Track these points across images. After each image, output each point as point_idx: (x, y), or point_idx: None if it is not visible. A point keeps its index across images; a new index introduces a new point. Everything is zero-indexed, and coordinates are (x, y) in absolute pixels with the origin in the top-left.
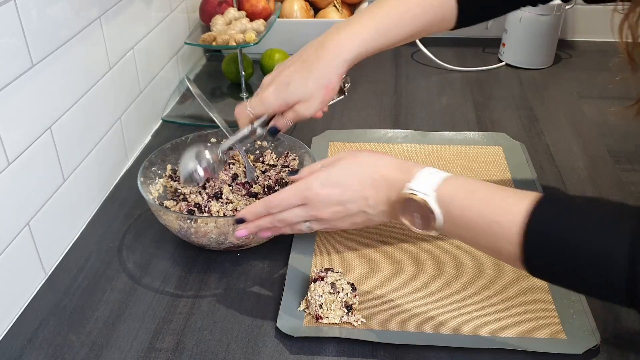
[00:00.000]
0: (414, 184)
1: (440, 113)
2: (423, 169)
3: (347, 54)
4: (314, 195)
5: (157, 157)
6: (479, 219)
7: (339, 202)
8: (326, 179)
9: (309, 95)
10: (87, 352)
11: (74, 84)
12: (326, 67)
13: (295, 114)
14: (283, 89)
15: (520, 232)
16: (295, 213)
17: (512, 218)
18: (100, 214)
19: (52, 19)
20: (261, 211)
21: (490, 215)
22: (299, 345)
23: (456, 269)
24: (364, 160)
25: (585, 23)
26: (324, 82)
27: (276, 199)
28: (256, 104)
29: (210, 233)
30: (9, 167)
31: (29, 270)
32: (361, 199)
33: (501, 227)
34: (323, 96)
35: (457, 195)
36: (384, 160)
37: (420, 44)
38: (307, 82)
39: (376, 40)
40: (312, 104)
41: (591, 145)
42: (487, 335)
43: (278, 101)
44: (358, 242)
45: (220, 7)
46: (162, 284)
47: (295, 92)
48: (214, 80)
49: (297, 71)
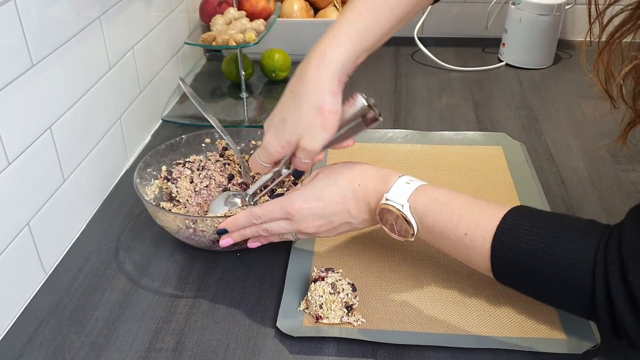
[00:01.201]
0: (390, 194)
1: (440, 113)
2: (399, 178)
3: (332, 66)
4: (297, 211)
5: (153, 159)
6: (451, 233)
7: (322, 216)
8: (308, 195)
9: (307, 125)
10: (87, 352)
11: (74, 84)
12: (315, 89)
13: (305, 152)
14: (280, 129)
15: (490, 247)
16: (279, 225)
17: (482, 232)
18: (100, 214)
19: (52, 19)
20: (244, 222)
21: (462, 229)
22: (299, 345)
23: (456, 269)
24: (341, 171)
25: (585, 23)
26: (317, 105)
27: (260, 211)
28: (262, 153)
29: (210, 233)
30: (9, 167)
31: (29, 270)
32: (343, 211)
33: (472, 241)
34: (322, 122)
35: (431, 206)
36: (360, 169)
37: (420, 44)
38: (301, 112)
39: (361, 43)
40: (314, 134)
41: (591, 145)
42: (487, 335)
43: (280, 143)
44: (358, 242)
45: (220, 7)
46: (162, 284)
47: (292, 127)
48: (214, 80)
49: (288, 104)
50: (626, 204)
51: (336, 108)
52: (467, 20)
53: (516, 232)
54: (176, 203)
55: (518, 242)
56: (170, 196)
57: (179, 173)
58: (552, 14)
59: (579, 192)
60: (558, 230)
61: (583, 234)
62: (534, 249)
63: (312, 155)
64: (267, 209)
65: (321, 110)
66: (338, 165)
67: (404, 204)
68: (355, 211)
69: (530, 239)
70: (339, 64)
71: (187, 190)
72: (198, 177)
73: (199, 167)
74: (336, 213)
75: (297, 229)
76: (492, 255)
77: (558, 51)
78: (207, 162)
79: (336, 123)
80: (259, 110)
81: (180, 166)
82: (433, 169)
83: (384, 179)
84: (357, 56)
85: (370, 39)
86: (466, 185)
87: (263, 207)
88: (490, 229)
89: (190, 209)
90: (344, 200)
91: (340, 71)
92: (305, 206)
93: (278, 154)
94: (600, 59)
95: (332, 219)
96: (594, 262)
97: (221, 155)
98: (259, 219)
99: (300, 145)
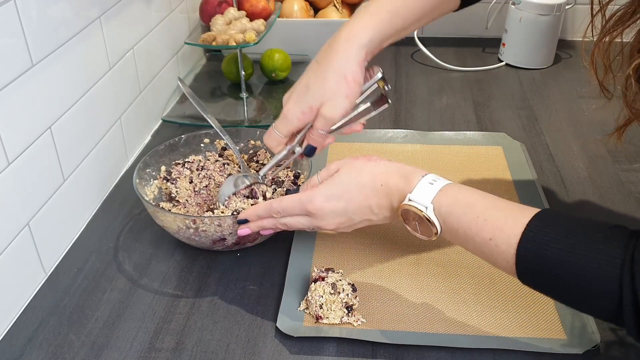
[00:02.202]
0: (413, 194)
1: (440, 113)
2: (422, 178)
3: (361, 39)
4: (317, 210)
5: (152, 159)
6: (476, 236)
7: (343, 214)
8: (329, 193)
9: (330, 91)
10: (87, 352)
11: (74, 84)
12: (342, 58)
13: (324, 120)
14: (303, 95)
15: (514, 253)
16: (298, 220)
17: (507, 238)
18: (100, 214)
19: (52, 19)
20: (263, 215)
21: (487, 234)
22: (299, 345)
23: (456, 269)
24: (363, 169)
25: (585, 23)
26: (342, 73)
27: (279, 206)
28: (280, 122)
29: (212, 231)
30: (9, 167)
31: (29, 270)
32: (365, 208)
33: (497, 245)
34: (346, 89)
35: (454, 209)
36: (383, 167)
37: (420, 43)
38: (325, 79)
39: (390, 23)
40: (336, 101)
41: (591, 145)
42: (487, 335)
43: (301, 109)
44: (358, 242)
45: (220, 7)
46: (162, 284)
47: (316, 93)
48: (214, 80)
49: (314, 73)
50: (626, 204)
51: (360, 79)
52: (467, 20)
53: (541, 240)
54: (176, 203)
55: (543, 249)
56: (169, 196)
57: (178, 173)
58: (552, 14)
59: (579, 192)
60: (583, 239)
61: (608, 243)
62: (559, 258)
63: (330, 125)
64: (287, 206)
65: (346, 79)
66: (359, 161)
67: (428, 205)
68: (377, 209)
69: (555, 247)
70: (367, 38)
71: (186, 191)
72: (197, 177)
73: (198, 167)
74: (357, 211)
75: (317, 225)
76: (517, 260)
77: (558, 51)
78: (206, 162)
79: (357, 94)
80: (259, 110)
81: (179, 166)
82: (433, 169)
83: (406, 177)
84: (384, 36)
85: (399, 22)
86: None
87: (282, 202)
88: (515, 235)
89: (190, 209)
90: (365, 199)
91: (368, 45)
92: (326, 205)
93: (298, 120)
94: (597, 49)
95: (353, 217)
96: (621, 274)
97: (220, 155)
98: (278, 214)
99: (321, 112)
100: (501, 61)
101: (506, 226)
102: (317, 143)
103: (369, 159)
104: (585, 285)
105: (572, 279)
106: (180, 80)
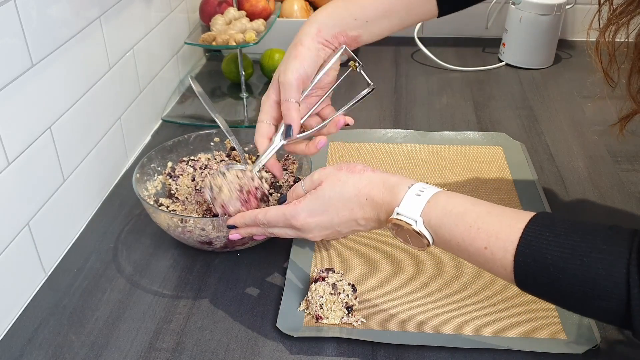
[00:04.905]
0: (401, 208)
1: (440, 113)
2: (409, 189)
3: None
4: (302, 225)
5: (158, 154)
6: (470, 246)
7: (329, 227)
8: (312, 208)
9: (285, 58)
10: (87, 352)
11: (74, 84)
12: (299, 34)
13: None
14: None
15: (512, 260)
16: (285, 231)
17: (503, 245)
18: (100, 214)
19: (52, 19)
20: (250, 224)
21: (481, 242)
22: (299, 345)
23: (456, 269)
24: (347, 182)
25: (585, 23)
26: (295, 43)
27: (264, 218)
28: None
29: (197, 234)
30: (9, 167)
31: (29, 270)
32: (351, 221)
33: (493, 253)
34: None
35: (445, 219)
36: (366, 180)
37: (420, 43)
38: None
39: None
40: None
41: (591, 145)
42: (487, 335)
43: (272, 89)
44: (358, 242)
45: (220, 7)
46: (162, 284)
47: (278, 68)
48: (214, 80)
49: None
50: (626, 204)
51: (309, 44)
52: (467, 20)
53: (539, 244)
54: (175, 200)
55: (543, 254)
56: (169, 193)
57: (182, 170)
58: (552, 14)
59: (579, 192)
60: (583, 239)
61: (610, 242)
62: (561, 261)
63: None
64: (271, 219)
65: (295, 46)
66: (342, 173)
67: (417, 219)
68: (364, 221)
69: (556, 250)
70: (322, 19)
71: (187, 188)
72: (200, 176)
73: (202, 165)
74: (343, 224)
75: (303, 237)
76: (515, 267)
77: (558, 51)
78: (211, 162)
79: (309, 58)
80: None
81: (183, 163)
82: (433, 169)
83: (391, 189)
84: (339, 18)
85: (356, 9)
86: (466, 186)
87: (267, 215)
88: (512, 241)
89: (189, 206)
90: (351, 213)
91: (321, 22)
92: (310, 220)
93: (268, 98)
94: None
95: (339, 229)
96: (627, 273)
97: (228, 155)
98: (264, 226)
99: (279, 80)
100: (501, 61)
101: (501, 233)
102: (289, 118)
103: (352, 171)
104: (590, 287)
105: (575, 281)
106: (191, 78)
